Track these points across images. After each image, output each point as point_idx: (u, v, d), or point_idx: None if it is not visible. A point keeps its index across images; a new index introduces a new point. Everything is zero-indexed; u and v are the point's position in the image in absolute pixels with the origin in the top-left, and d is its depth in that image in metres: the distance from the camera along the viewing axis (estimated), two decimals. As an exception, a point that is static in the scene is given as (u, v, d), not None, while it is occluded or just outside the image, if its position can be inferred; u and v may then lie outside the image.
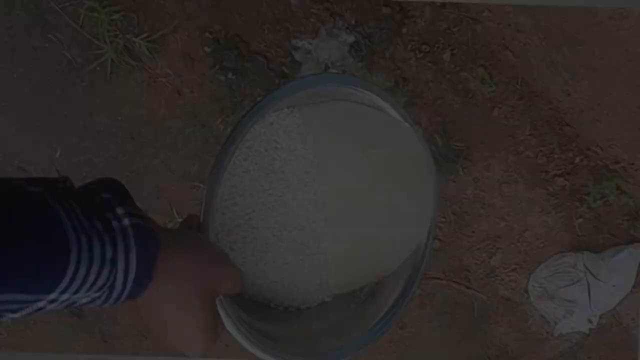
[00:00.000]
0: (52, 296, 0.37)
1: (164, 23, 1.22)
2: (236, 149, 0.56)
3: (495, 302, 1.43)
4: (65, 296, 0.38)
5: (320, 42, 1.26)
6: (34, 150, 1.23)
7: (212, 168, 0.54)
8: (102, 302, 0.41)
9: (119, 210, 0.41)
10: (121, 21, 1.20)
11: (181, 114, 1.26)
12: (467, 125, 1.34)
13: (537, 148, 1.36)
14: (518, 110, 1.33)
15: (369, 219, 0.70)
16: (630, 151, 1.25)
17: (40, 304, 0.38)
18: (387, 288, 0.68)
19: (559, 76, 1.20)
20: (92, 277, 0.38)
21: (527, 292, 1.44)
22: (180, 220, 1.28)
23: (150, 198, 1.29)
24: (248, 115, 0.56)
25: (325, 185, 0.68)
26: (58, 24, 1.19)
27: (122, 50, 1.20)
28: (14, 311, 0.37)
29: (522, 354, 1.47)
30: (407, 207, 0.68)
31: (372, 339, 0.64)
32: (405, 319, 1.41)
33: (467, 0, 1.20)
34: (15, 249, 0.35)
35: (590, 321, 1.43)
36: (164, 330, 0.46)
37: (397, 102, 0.65)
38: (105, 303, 0.41)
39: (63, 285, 0.37)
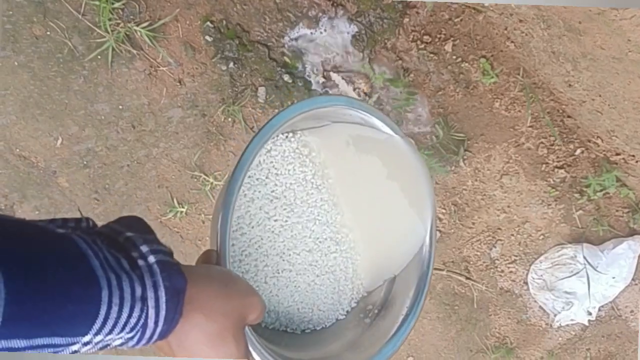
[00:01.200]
0: (86, 338, 0.38)
1: (165, 12, 1.21)
2: (244, 179, 0.56)
3: (494, 294, 1.44)
4: (99, 337, 0.38)
5: (321, 32, 1.26)
6: (35, 139, 1.23)
7: (221, 201, 0.55)
8: (136, 342, 0.41)
9: (144, 248, 0.42)
10: (122, 9, 1.20)
11: (182, 103, 1.26)
12: (468, 116, 1.33)
13: (537, 140, 1.36)
14: (519, 101, 1.33)
15: (374, 228, 0.72)
16: (631, 143, 1.25)
17: (75, 347, 0.38)
18: (399, 299, 0.70)
19: (561, 67, 1.19)
20: (124, 316, 0.38)
21: (526, 284, 1.44)
22: (180, 210, 1.28)
23: (151, 187, 1.29)
24: (249, 147, 0.57)
25: (328, 204, 0.70)
26: (59, 11, 1.19)
27: (123, 39, 1.20)
28: None
29: (521, 345, 1.47)
30: (408, 211, 0.70)
31: (395, 346, 0.65)
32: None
33: (469, -10, 1.20)
34: (49, 292, 0.35)
35: (589, 313, 1.43)
36: None
37: (387, 117, 0.67)
38: (139, 343, 0.41)
39: (97, 325, 0.37)
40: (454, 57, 1.30)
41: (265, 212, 0.66)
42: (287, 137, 0.69)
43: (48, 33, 1.19)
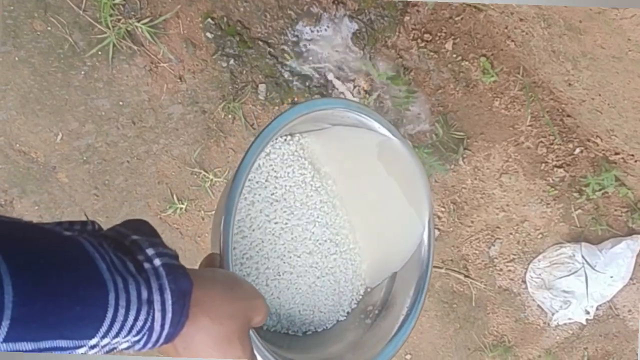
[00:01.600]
0: (93, 341, 0.38)
1: (166, 8, 1.21)
2: (245, 183, 0.57)
3: (493, 292, 1.44)
4: (105, 340, 0.38)
5: (322, 29, 1.26)
6: (35, 134, 1.23)
7: (223, 206, 0.55)
8: (142, 346, 0.41)
9: (150, 251, 0.42)
10: (123, 5, 1.20)
11: (182, 99, 1.26)
12: (468, 115, 1.34)
13: (537, 139, 1.36)
14: (519, 100, 1.33)
15: (373, 229, 0.73)
16: (630, 142, 1.25)
17: (82, 350, 0.38)
18: (399, 299, 0.71)
19: (561, 66, 1.19)
20: (130, 319, 0.38)
21: (524, 283, 1.44)
22: (180, 206, 1.29)
23: (151, 183, 1.29)
24: (250, 151, 0.57)
25: (327, 206, 0.71)
26: (60, 7, 1.19)
27: (124, 35, 1.20)
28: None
29: (518, 344, 1.47)
30: (407, 212, 0.71)
31: (397, 346, 0.66)
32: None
33: (470, -11, 1.20)
34: (56, 295, 0.35)
35: (587, 312, 1.44)
36: None
37: (384, 119, 0.67)
38: (145, 346, 0.41)
39: (104, 328, 0.37)
40: (454, 55, 1.30)
41: (265, 215, 0.66)
42: (285, 140, 0.70)
43: (49, 28, 1.19)
